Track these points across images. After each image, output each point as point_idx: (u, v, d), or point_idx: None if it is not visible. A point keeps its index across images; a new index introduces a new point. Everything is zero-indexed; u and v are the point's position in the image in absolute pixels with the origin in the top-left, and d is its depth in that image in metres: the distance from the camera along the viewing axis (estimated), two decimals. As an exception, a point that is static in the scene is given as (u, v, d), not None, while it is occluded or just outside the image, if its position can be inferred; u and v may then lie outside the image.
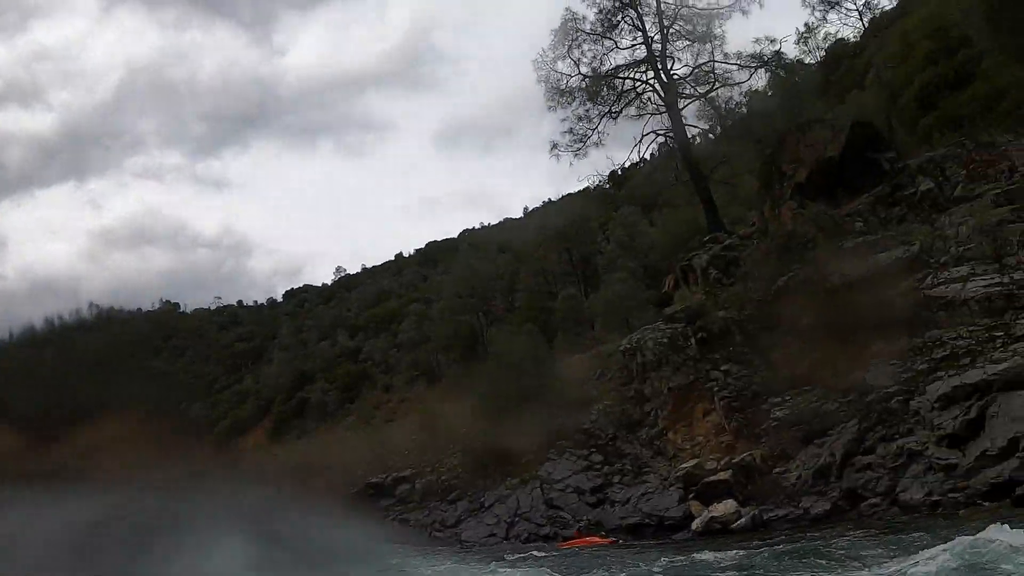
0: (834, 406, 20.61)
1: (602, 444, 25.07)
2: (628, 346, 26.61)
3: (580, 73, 33.17)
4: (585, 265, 42.97)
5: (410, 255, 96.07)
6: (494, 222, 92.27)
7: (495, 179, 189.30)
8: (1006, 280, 19.77)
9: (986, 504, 15.68)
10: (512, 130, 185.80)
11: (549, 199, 69.56)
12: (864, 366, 20.93)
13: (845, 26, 38.68)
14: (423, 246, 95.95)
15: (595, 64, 33.34)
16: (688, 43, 32.82)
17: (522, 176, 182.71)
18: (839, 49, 44.79)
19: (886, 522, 16.93)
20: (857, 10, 37.62)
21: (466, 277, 48.60)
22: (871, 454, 18.84)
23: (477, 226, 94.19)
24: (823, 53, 43.57)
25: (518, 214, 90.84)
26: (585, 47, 33.31)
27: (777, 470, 20.68)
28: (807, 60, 41.10)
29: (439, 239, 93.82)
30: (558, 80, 33.19)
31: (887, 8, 42.58)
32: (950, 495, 16.60)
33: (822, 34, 35.79)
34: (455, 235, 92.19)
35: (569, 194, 56.66)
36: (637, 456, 24.10)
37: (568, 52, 33.19)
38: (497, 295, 49.69)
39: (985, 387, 17.41)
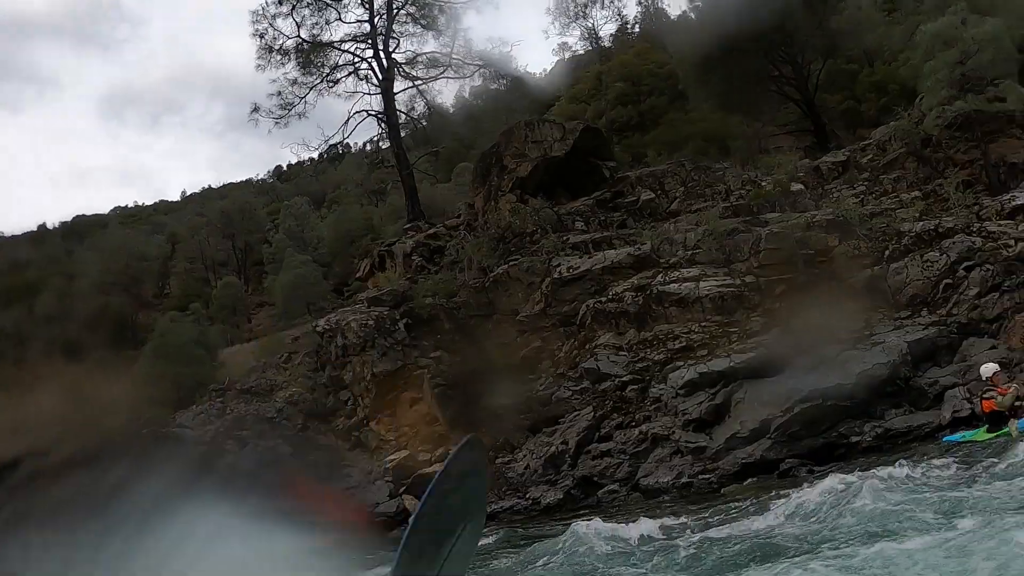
0: (567, 394, 20.26)
1: (290, 435, 22.13)
2: (327, 327, 24.08)
3: (299, 36, 31.52)
4: (248, 254, 40.12)
5: (55, 226, 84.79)
6: (149, 202, 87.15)
7: (155, 158, 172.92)
8: (737, 283, 20.82)
9: (749, 480, 15.81)
10: (182, 109, 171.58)
11: (210, 185, 65.53)
12: (593, 356, 20.93)
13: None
14: (70, 219, 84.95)
15: (315, 32, 31.99)
16: (417, 29, 32.54)
17: (184, 159, 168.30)
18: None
19: (630, 506, 16.47)
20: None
21: (117, 255, 42.94)
22: (608, 441, 18.50)
23: (130, 204, 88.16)
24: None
25: (175, 197, 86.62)
26: (308, 12, 31.74)
27: (501, 460, 19.60)
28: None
29: (88, 213, 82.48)
30: (274, 38, 31.39)
31: (581, 53, 46.07)
32: (701, 476, 16.59)
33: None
34: (106, 211, 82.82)
35: (232, 183, 53.97)
36: (333, 448, 21.60)
37: (292, 12, 31.32)
38: (147, 278, 44.83)
39: (731, 375, 17.86)
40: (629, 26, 43.39)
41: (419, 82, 32.57)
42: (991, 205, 18.83)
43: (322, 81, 31.76)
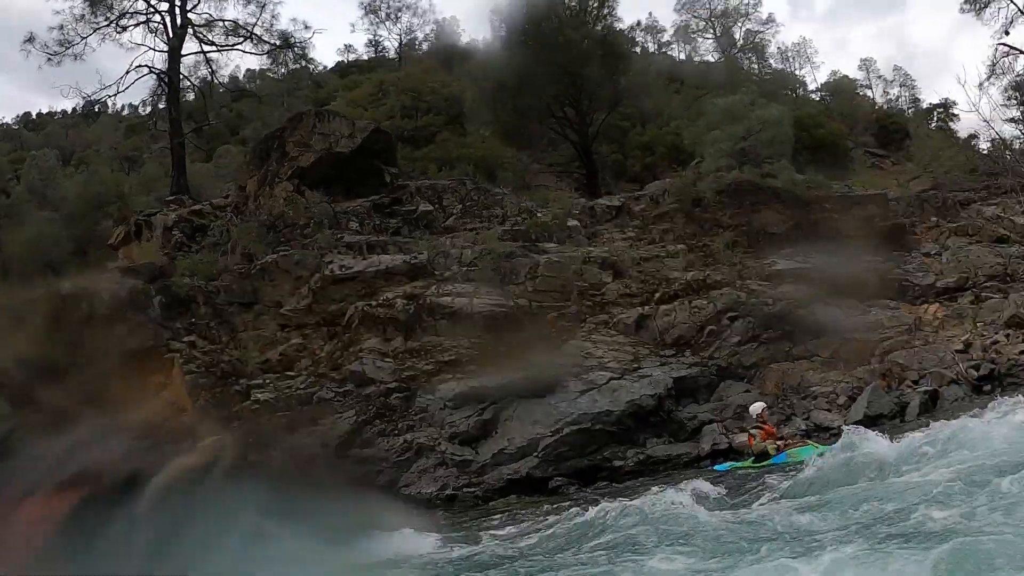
0: (329, 395, 19.60)
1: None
2: (74, 292, 21.66)
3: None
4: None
5: None
6: None
7: None
8: (511, 304, 21.31)
9: (512, 496, 16.16)
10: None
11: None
12: (358, 359, 20.48)
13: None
14: None
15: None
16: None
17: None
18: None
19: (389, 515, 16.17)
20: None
21: None
22: (370, 447, 18.13)
23: None
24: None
25: None
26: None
27: (253, 458, 18.49)
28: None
29: None
30: (69, -36, 28.47)
31: (365, 59, 45.76)
32: (466, 489, 16.76)
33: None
34: None
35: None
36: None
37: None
38: None
39: (502, 392, 18.25)
40: (418, 42, 43.76)
41: (212, 49, 30.84)
42: (753, 266, 20.85)
43: (110, 24, 29.24)
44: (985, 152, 26.12)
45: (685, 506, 12.08)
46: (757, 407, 15.15)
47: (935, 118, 47.53)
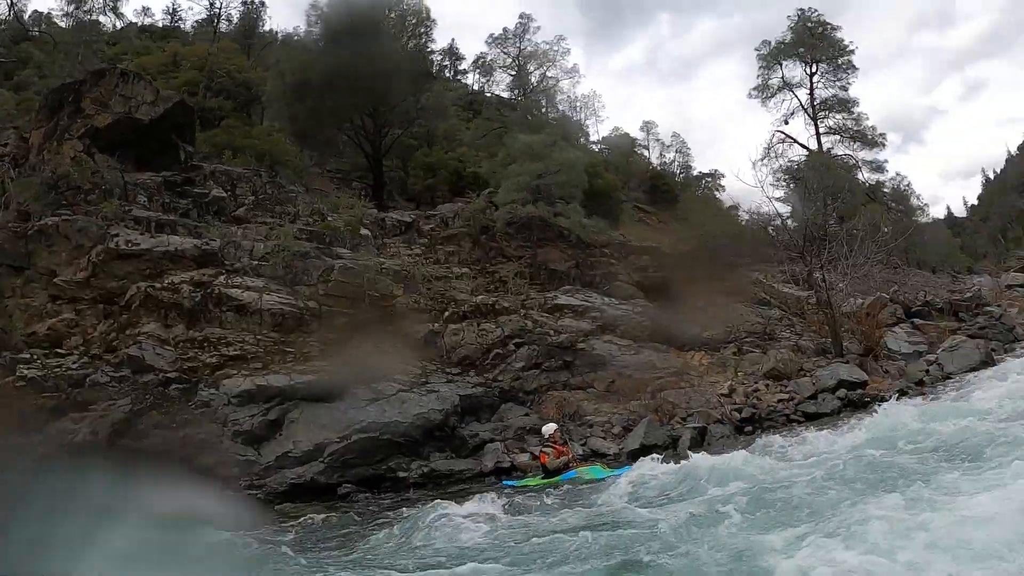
0: (104, 380, 18.33)
1: None
2: None
3: None
4: None
5: None
6: None
7: None
8: (300, 304, 21.09)
9: (300, 502, 15.95)
10: None
11: None
12: (137, 343, 19.34)
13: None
14: None
15: None
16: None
17: None
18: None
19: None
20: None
21: None
22: (145, 439, 17.15)
23: None
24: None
25: None
26: None
27: (16, 441, 16.92)
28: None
29: None
30: None
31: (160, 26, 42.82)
32: (248, 491, 16.30)
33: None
34: None
35: None
36: None
37: None
38: None
39: (290, 393, 18.00)
40: (216, 21, 41.39)
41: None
42: (536, 298, 21.95)
43: None
44: (744, 223, 29.11)
45: (455, 522, 12.56)
46: (550, 427, 16.14)
47: (703, 185, 51.84)
